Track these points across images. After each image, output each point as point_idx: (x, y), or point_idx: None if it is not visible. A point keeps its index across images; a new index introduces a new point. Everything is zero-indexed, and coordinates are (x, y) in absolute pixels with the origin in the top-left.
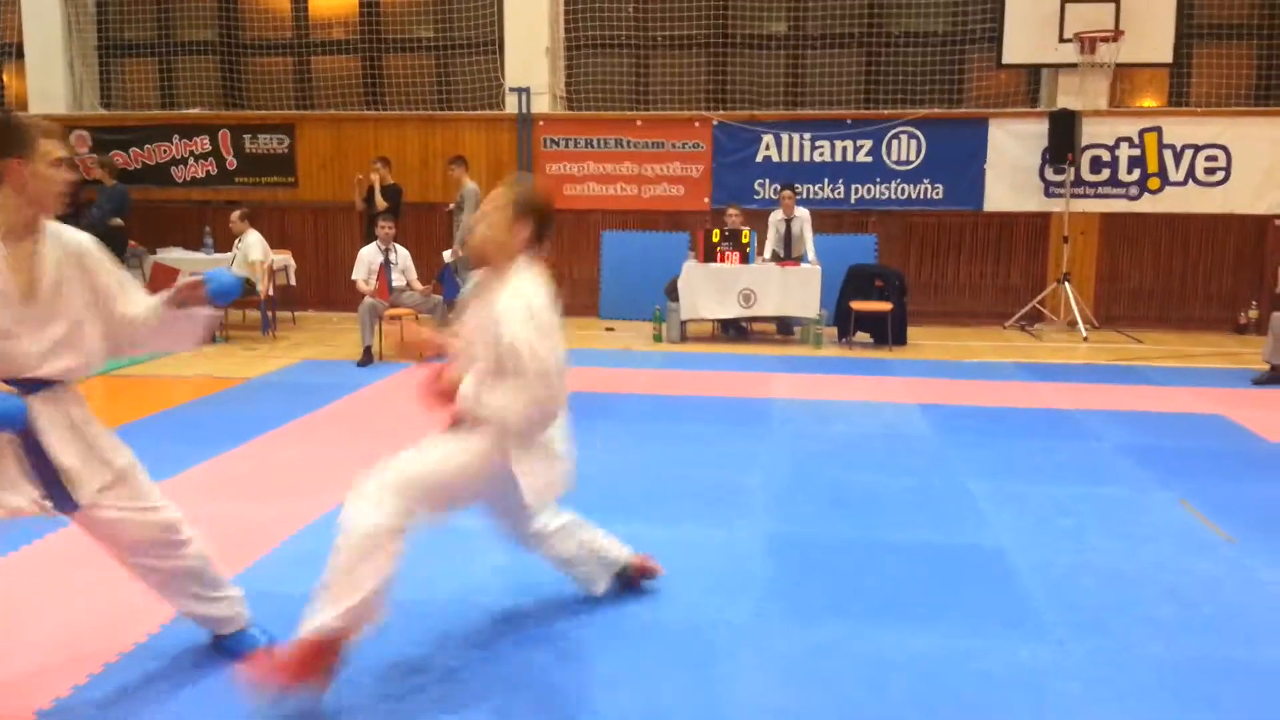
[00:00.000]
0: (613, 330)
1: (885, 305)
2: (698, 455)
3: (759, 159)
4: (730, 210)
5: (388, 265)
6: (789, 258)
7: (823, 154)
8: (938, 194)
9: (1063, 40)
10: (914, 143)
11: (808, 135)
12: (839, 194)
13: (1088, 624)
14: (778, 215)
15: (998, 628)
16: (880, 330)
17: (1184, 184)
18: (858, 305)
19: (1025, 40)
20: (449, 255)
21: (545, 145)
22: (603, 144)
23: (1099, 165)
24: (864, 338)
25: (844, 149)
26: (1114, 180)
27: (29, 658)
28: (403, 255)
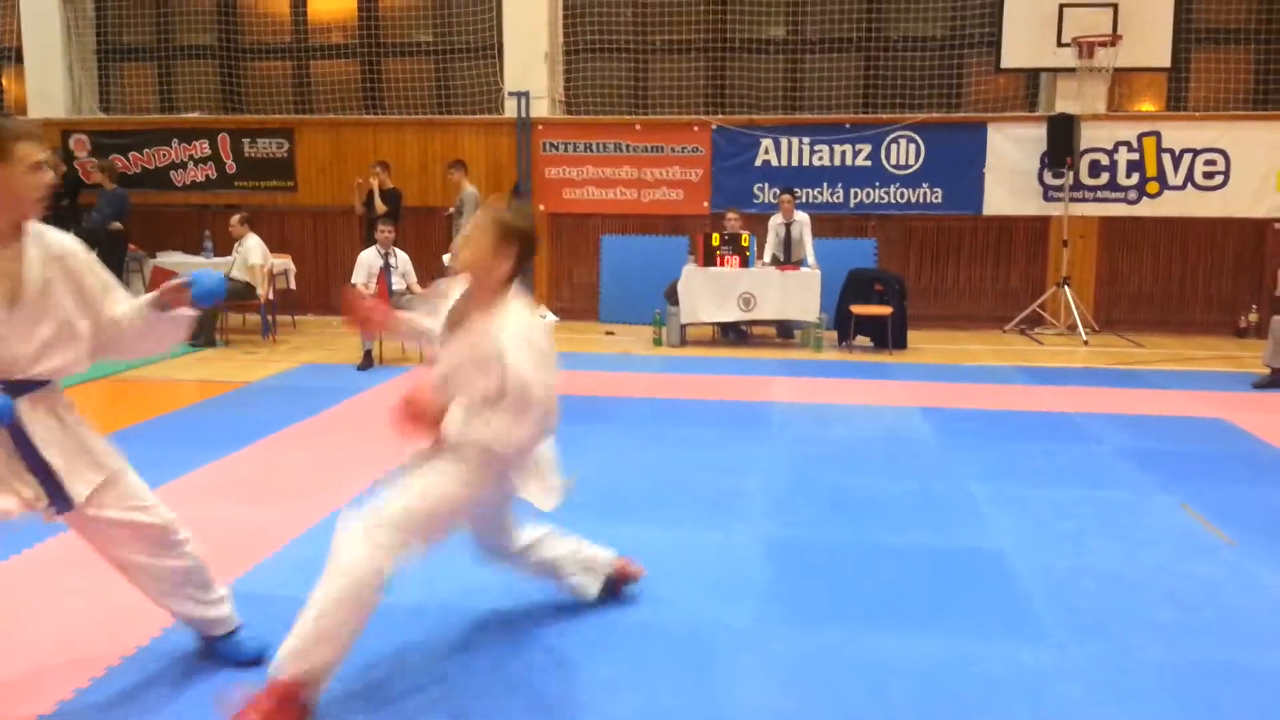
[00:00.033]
0: (612, 334)
1: (885, 309)
2: (697, 459)
3: (758, 163)
4: (729, 214)
5: (387, 269)
6: (789, 262)
7: (822, 158)
8: (937, 198)
9: (1061, 44)
10: (913, 147)
11: (807, 139)
12: (838, 198)
13: (1088, 627)
14: (777, 219)
15: (998, 631)
16: (880, 334)
17: (1183, 188)
18: (858, 309)
19: (1023, 44)
20: (449, 259)
21: (544, 149)
22: (602, 148)
23: (1098, 169)
24: (864, 341)
25: (843, 153)
26: (1113, 184)
27: (30, 660)
28: (402, 259)
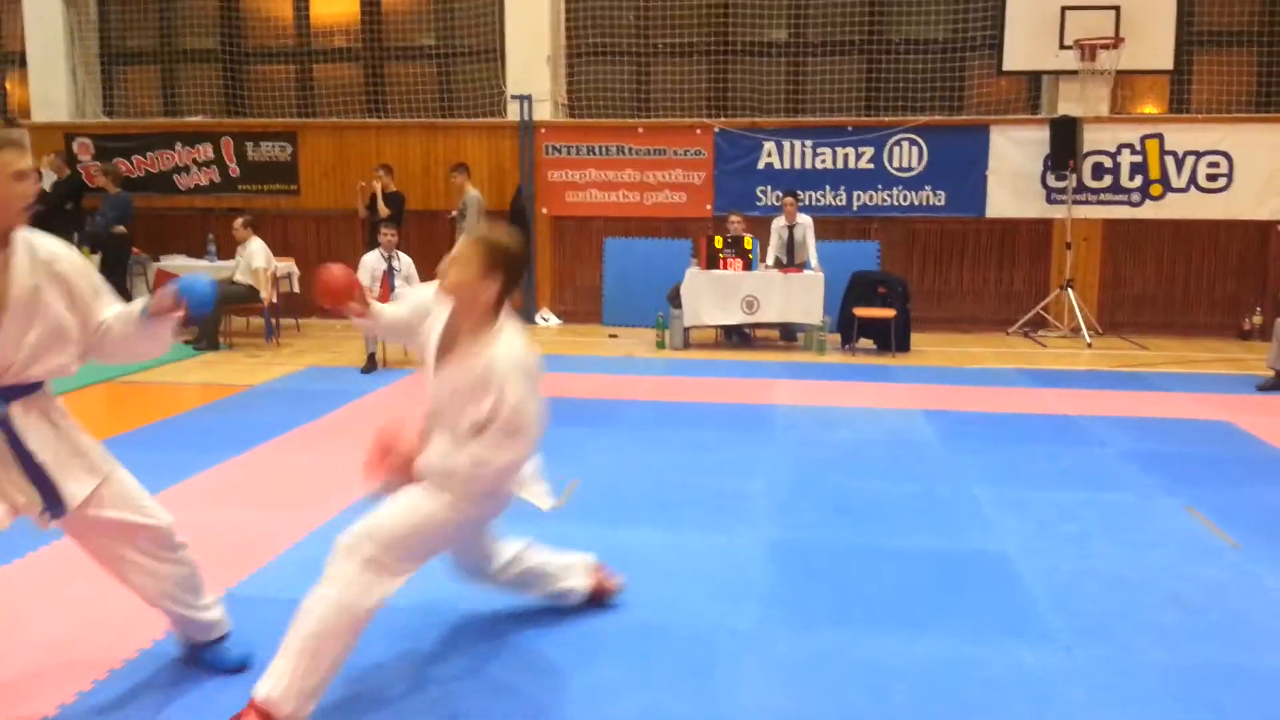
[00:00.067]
0: (616, 337)
1: (888, 311)
2: (700, 462)
3: (761, 166)
4: (732, 217)
5: (391, 272)
6: (792, 264)
7: (824, 161)
8: (940, 201)
9: (1063, 47)
10: (915, 149)
11: (809, 142)
12: (841, 201)
13: (1092, 630)
14: (780, 222)
15: (1002, 634)
16: (883, 336)
17: (1186, 190)
18: (861, 311)
19: (1026, 47)
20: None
21: (547, 152)
22: (604, 151)
23: (1101, 172)
24: (867, 344)
25: (846, 156)
26: (1116, 187)
27: (31, 663)
28: (405, 262)
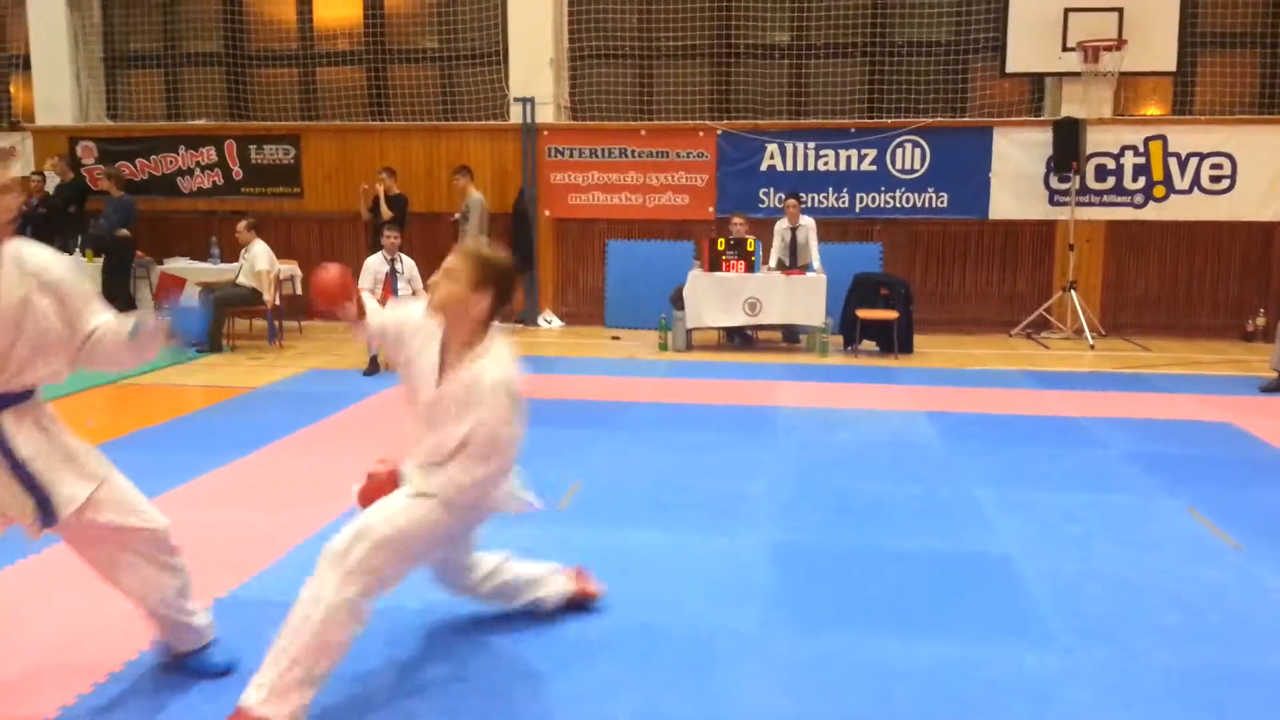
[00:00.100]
0: (618, 339)
1: (891, 313)
2: (703, 463)
3: (763, 168)
4: (735, 219)
5: (393, 275)
6: (794, 266)
7: (827, 163)
8: (942, 203)
9: (1066, 49)
10: (918, 151)
11: (812, 144)
12: (844, 203)
13: (1095, 632)
14: (783, 224)
15: (1004, 636)
16: (886, 338)
17: (1189, 192)
18: (863, 313)
19: (1029, 49)
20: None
21: (550, 155)
22: (607, 153)
23: (1104, 173)
24: (870, 346)
25: (848, 158)
26: (1119, 188)
27: (33, 665)
28: (408, 265)
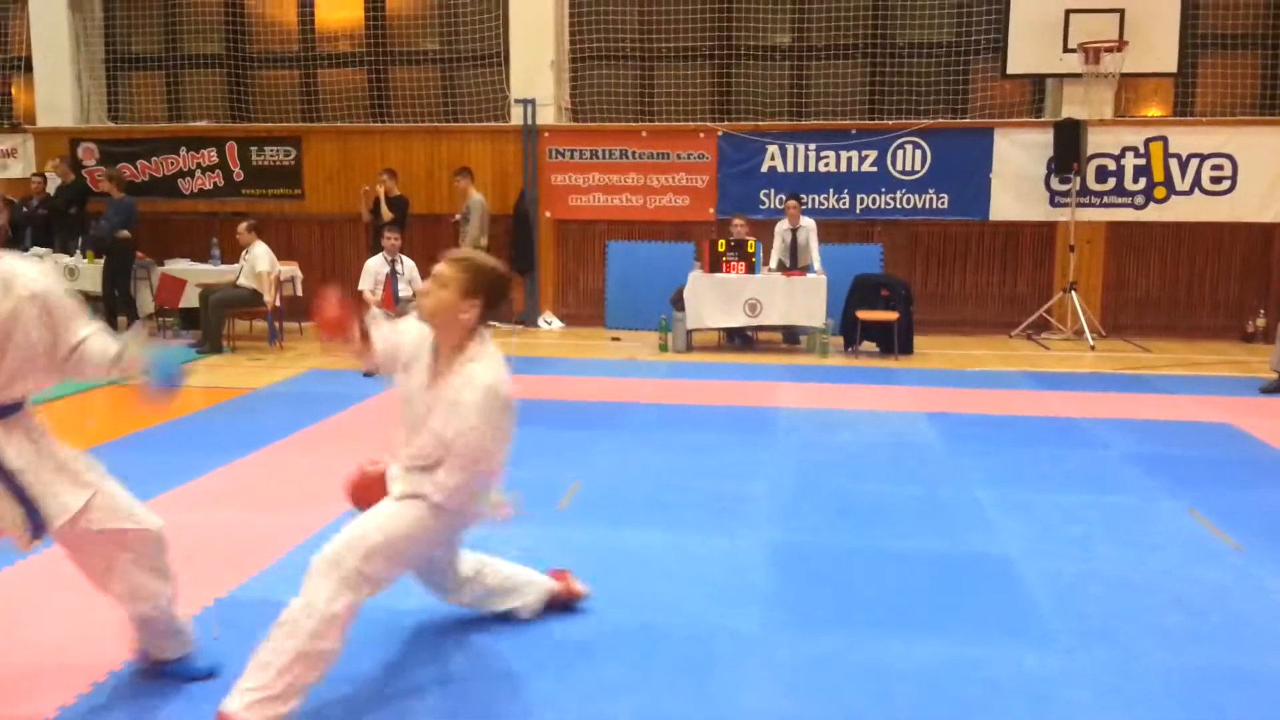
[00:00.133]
0: (619, 340)
1: (891, 314)
2: (703, 464)
3: (764, 169)
4: (736, 220)
5: (394, 276)
6: (795, 267)
7: (828, 164)
8: (943, 204)
9: (1067, 50)
10: (919, 153)
11: (813, 146)
12: (844, 204)
13: (1095, 632)
14: (783, 225)
15: (1004, 636)
16: (886, 339)
17: (1190, 193)
18: (864, 314)
19: (1029, 50)
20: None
21: (550, 156)
22: (608, 155)
23: (1105, 175)
24: (870, 347)
25: (849, 159)
26: (1120, 189)
27: (32, 665)
28: (409, 266)
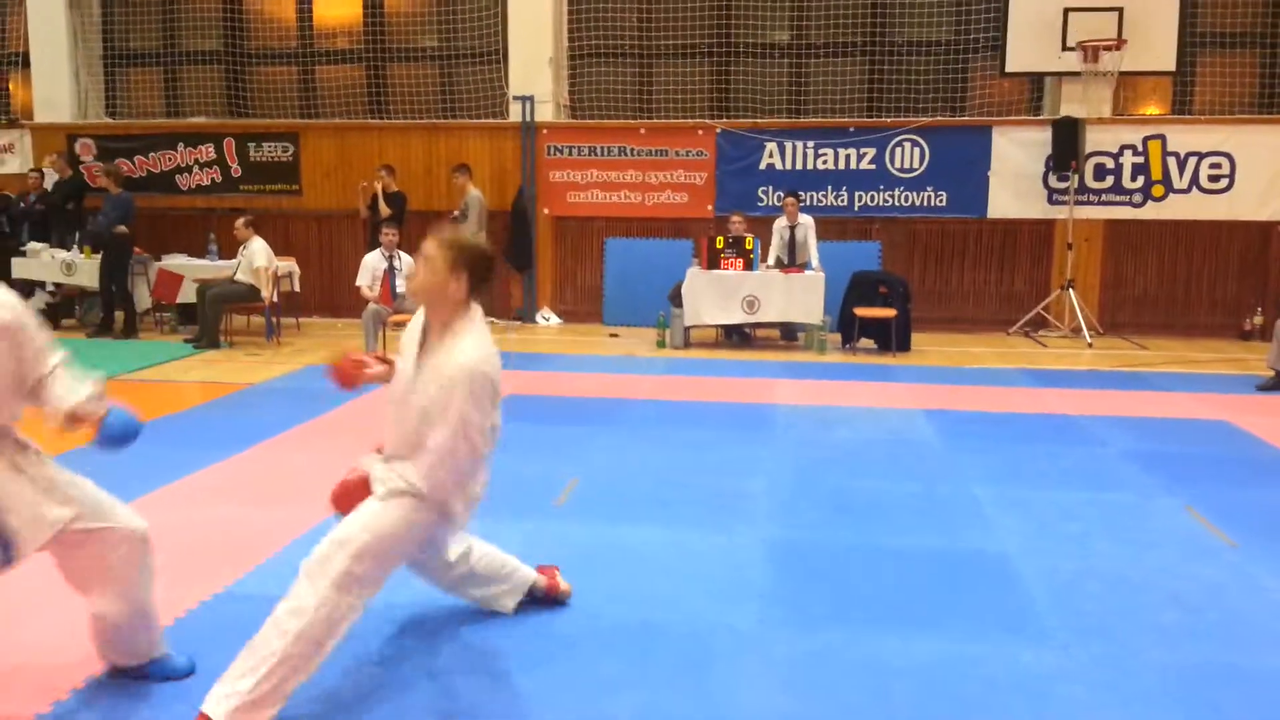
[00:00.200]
0: (617, 336)
1: (889, 311)
2: (701, 461)
3: (762, 166)
4: (734, 217)
5: (392, 272)
6: (793, 264)
7: (826, 162)
8: (941, 201)
9: (1066, 48)
10: (917, 150)
11: (811, 143)
12: (843, 201)
13: (1092, 629)
14: (781, 222)
15: (1001, 633)
16: (884, 336)
17: (1188, 191)
18: (862, 311)
19: (1028, 48)
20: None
21: (549, 153)
22: (606, 152)
23: (1103, 173)
24: (868, 344)
25: (847, 157)
26: (1118, 187)
27: (26, 661)
28: (406, 262)
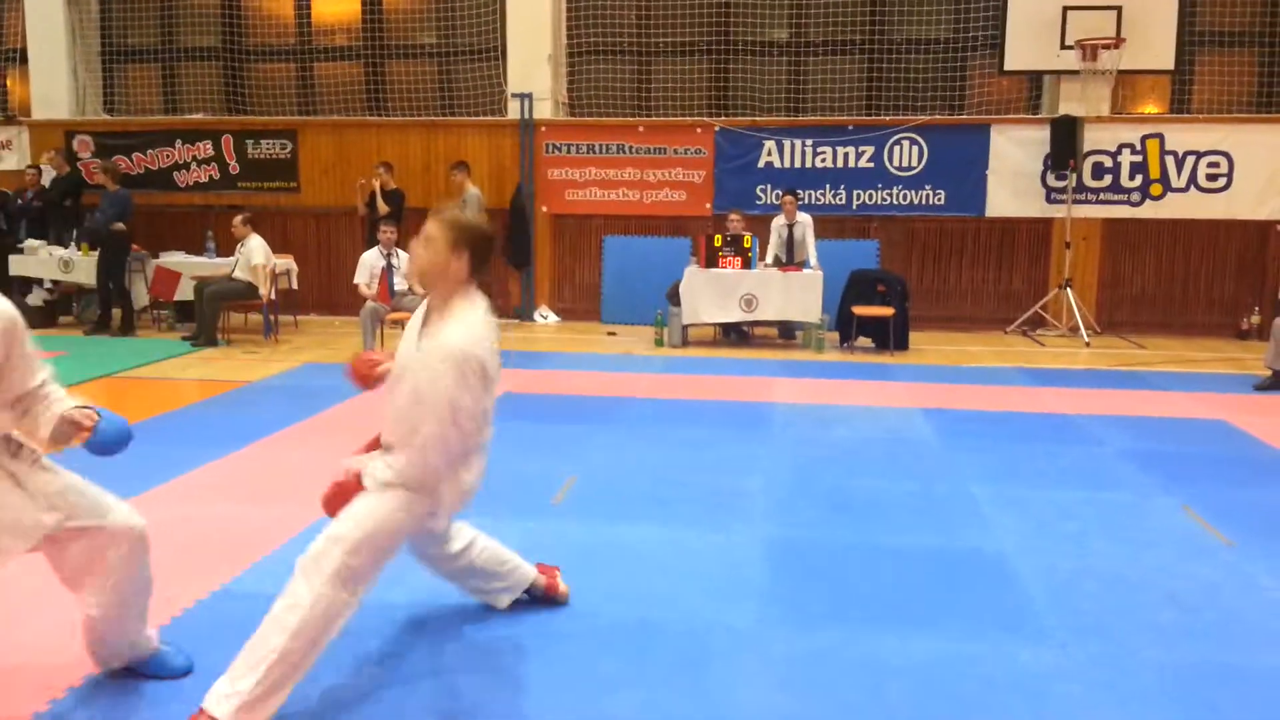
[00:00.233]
0: (614, 335)
1: (887, 310)
2: (699, 459)
3: (761, 165)
4: (732, 215)
5: (389, 269)
6: (791, 263)
7: (825, 160)
8: (939, 200)
9: (1064, 47)
10: (916, 149)
11: (810, 141)
12: (841, 200)
13: (1089, 628)
14: (780, 220)
15: (999, 632)
16: (882, 335)
17: (1186, 190)
18: (860, 310)
19: (1027, 47)
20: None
21: (547, 151)
22: (605, 149)
23: (1101, 171)
24: (866, 342)
25: (846, 155)
26: (1116, 186)
27: (24, 660)
28: (404, 259)
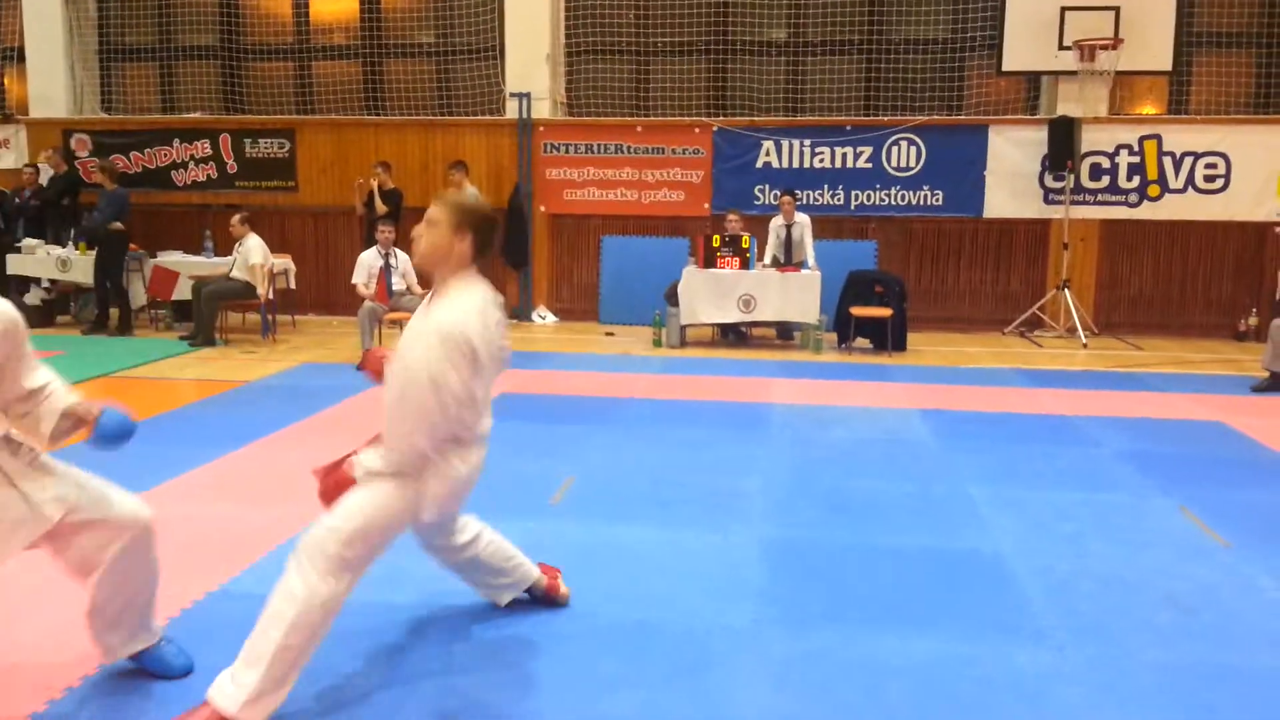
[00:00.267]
0: (612, 335)
1: (885, 311)
2: (697, 460)
3: (759, 165)
4: (730, 216)
5: (388, 269)
6: (789, 263)
7: (823, 160)
8: (937, 200)
9: (1062, 48)
10: (914, 149)
11: (808, 141)
12: (839, 200)
13: (1087, 629)
14: (778, 221)
15: (997, 633)
16: (880, 336)
17: (1184, 191)
18: (858, 311)
19: (1025, 47)
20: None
21: (545, 150)
22: (603, 149)
23: (1099, 172)
24: (864, 343)
25: (844, 155)
26: (1114, 187)
27: (22, 660)
28: (403, 259)
